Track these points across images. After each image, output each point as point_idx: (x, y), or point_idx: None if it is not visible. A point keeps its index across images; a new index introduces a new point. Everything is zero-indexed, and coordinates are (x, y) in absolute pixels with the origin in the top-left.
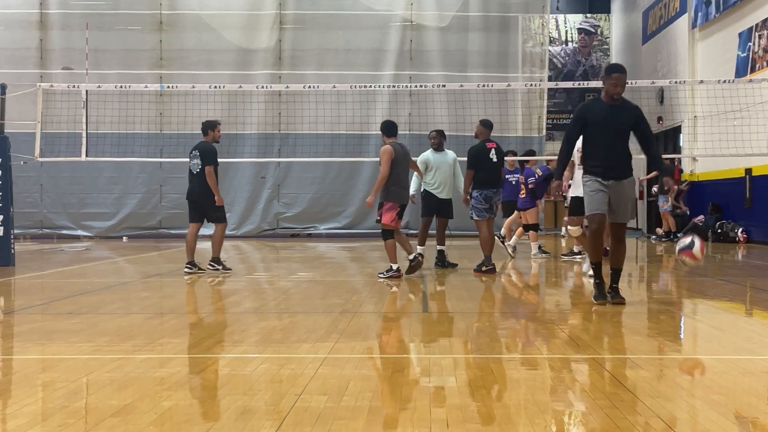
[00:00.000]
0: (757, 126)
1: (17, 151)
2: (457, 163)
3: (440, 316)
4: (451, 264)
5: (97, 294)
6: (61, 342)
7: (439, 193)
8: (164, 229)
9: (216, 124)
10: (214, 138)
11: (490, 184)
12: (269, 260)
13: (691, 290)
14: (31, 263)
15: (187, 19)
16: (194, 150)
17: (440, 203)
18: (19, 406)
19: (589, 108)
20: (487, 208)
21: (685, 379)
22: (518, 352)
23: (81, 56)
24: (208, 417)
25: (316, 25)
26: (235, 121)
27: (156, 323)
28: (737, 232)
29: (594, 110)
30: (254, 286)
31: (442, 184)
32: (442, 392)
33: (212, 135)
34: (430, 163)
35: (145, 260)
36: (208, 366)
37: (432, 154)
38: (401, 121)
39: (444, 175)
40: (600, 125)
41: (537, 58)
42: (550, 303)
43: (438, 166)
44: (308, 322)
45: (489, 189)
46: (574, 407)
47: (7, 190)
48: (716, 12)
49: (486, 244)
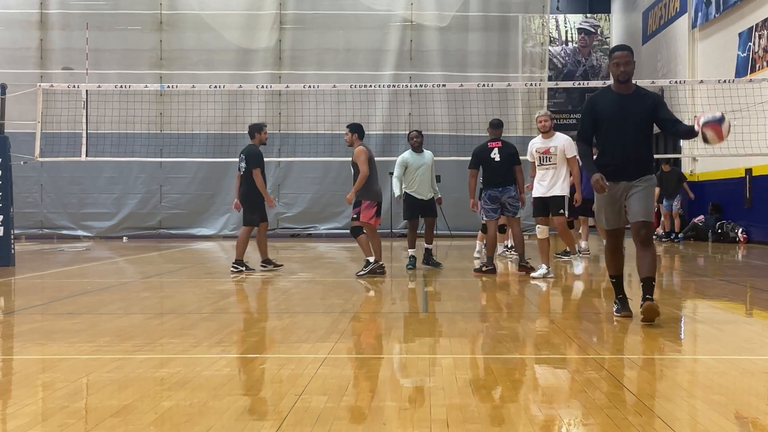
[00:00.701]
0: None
1: (17, 151)
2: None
3: (440, 316)
4: (436, 263)
5: (97, 294)
6: (61, 342)
7: (417, 194)
8: (164, 229)
9: (262, 126)
10: (261, 140)
11: (494, 184)
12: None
13: (691, 290)
14: (31, 263)
15: (187, 19)
16: (241, 154)
17: (422, 204)
18: (20, 406)
19: (597, 99)
20: (495, 208)
21: (685, 379)
22: (518, 352)
23: (81, 56)
24: (208, 417)
25: (316, 25)
26: (235, 121)
27: (156, 323)
28: (737, 232)
29: (603, 101)
30: (254, 286)
31: (421, 185)
32: (442, 392)
33: (258, 138)
34: (408, 165)
35: (145, 260)
36: (208, 366)
37: (411, 156)
38: (401, 121)
39: (423, 176)
40: (609, 118)
41: (537, 58)
42: (550, 303)
43: (416, 168)
44: (308, 322)
45: (493, 188)
46: (574, 407)
47: (7, 190)
48: (716, 12)
49: (491, 244)
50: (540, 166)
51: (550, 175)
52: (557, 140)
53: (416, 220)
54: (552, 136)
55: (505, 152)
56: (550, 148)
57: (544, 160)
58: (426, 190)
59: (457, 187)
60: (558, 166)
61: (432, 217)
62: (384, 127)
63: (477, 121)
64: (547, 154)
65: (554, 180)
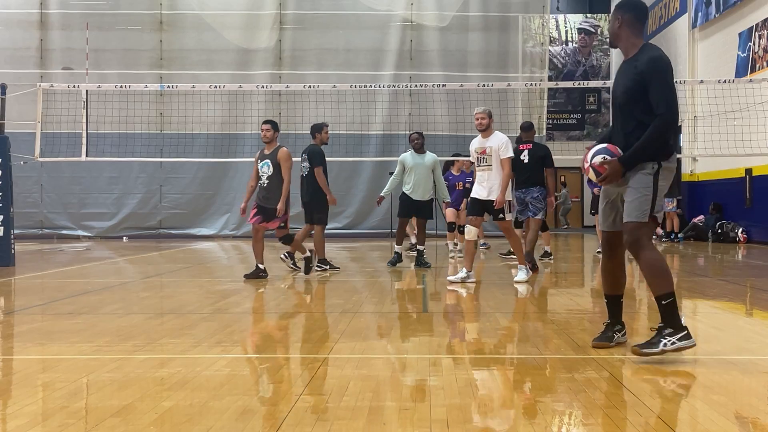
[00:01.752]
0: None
1: (17, 151)
2: (438, 166)
3: (440, 316)
4: (425, 264)
5: (97, 294)
6: (61, 342)
7: (412, 194)
8: (164, 229)
9: (322, 126)
10: (322, 140)
11: (520, 185)
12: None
13: (691, 290)
14: (31, 263)
15: (187, 19)
16: (303, 154)
17: (416, 204)
18: (19, 406)
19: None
20: (520, 210)
21: (685, 379)
22: (518, 352)
23: (81, 56)
24: (208, 417)
25: (316, 25)
26: (235, 121)
27: (156, 323)
28: (737, 232)
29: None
30: (254, 286)
31: (416, 186)
32: (442, 392)
33: (319, 138)
34: (406, 165)
35: (145, 260)
36: (208, 366)
37: (410, 156)
38: (401, 121)
39: (419, 177)
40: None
41: (537, 58)
42: (550, 303)
43: (414, 168)
44: (308, 322)
45: (518, 190)
46: (575, 407)
47: (7, 190)
48: (716, 12)
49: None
50: (479, 167)
51: (487, 177)
52: (494, 140)
53: (406, 219)
54: (490, 136)
55: (534, 154)
56: (486, 148)
57: (481, 161)
58: (422, 192)
59: None
60: (495, 168)
61: (423, 218)
62: (384, 127)
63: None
64: (484, 155)
65: (492, 182)
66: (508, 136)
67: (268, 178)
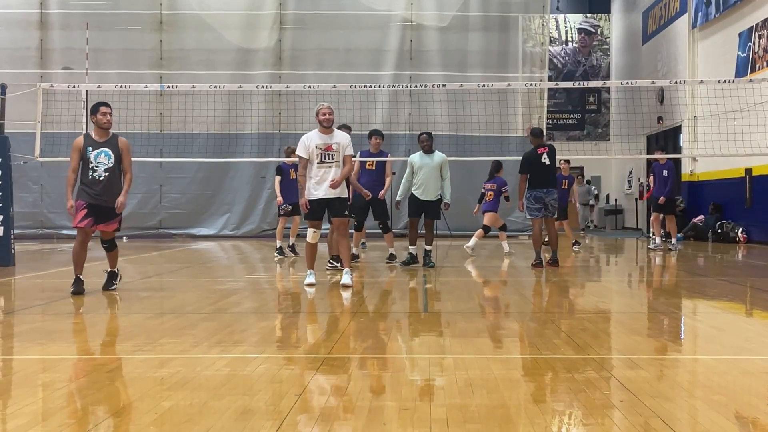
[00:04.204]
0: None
1: (17, 151)
2: (446, 166)
3: (440, 316)
4: (428, 262)
5: (97, 294)
6: (61, 342)
7: (420, 195)
8: (164, 229)
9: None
10: None
11: (541, 185)
12: (269, 260)
13: (691, 290)
14: (31, 263)
15: (187, 19)
16: None
17: (424, 204)
18: (19, 406)
19: None
20: (539, 208)
21: (685, 379)
22: (518, 352)
23: (81, 56)
24: (208, 417)
25: (316, 25)
26: (235, 121)
27: (156, 323)
28: (737, 232)
29: None
30: (254, 286)
31: (424, 186)
32: (442, 392)
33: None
34: (415, 165)
35: (145, 260)
36: (208, 366)
37: (418, 157)
38: (401, 121)
39: (426, 177)
40: None
41: (537, 58)
42: (550, 303)
43: (421, 168)
44: (308, 322)
45: (539, 189)
46: (574, 407)
47: (7, 190)
48: (716, 12)
49: (536, 241)
50: (320, 165)
51: (331, 174)
52: (339, 137)
53: (416, 219)
54: (332, 132)
55: (551, 155)
56: (332, 144)
57: (325, 157)
58: (430, 192)
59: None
60: (339, 165)
61: (431, 219)
62: (384, 127)
63: (477, 121)
64: (330, 151)
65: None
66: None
67: (108, 170)
